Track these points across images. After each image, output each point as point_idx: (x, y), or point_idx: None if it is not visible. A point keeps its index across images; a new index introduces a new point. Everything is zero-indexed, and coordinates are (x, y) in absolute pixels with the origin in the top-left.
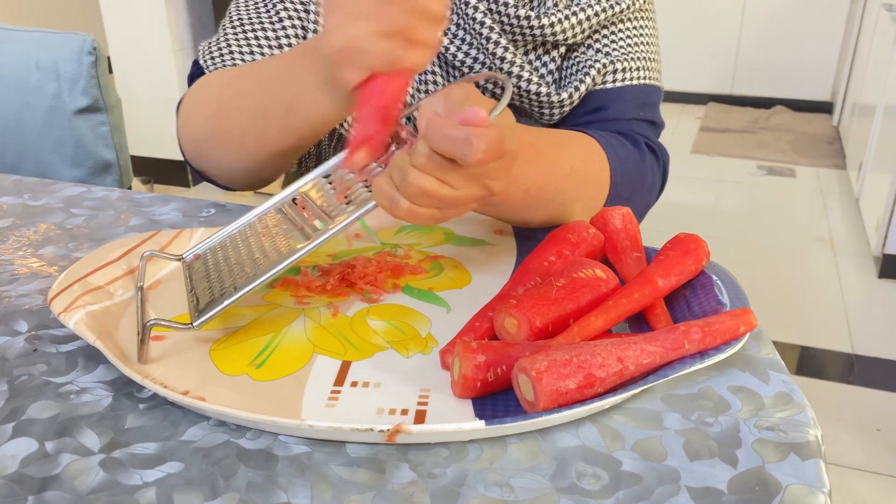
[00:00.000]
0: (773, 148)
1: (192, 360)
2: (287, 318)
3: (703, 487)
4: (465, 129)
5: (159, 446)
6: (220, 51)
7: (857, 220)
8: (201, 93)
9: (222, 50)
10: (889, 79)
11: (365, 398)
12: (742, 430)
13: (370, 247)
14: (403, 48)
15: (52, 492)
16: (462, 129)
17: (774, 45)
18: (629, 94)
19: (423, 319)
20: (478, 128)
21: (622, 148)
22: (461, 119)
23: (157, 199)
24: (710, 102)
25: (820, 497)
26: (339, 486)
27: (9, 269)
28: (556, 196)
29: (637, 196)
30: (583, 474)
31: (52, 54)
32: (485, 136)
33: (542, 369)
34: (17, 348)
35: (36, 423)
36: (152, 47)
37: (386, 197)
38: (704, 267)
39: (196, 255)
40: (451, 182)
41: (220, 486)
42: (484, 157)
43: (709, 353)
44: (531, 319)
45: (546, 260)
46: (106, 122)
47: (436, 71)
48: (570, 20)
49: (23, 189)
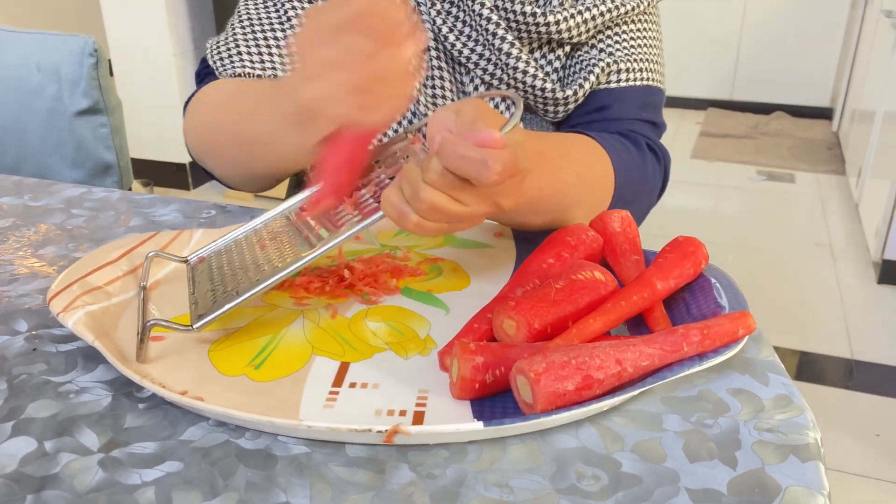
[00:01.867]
0: (772, 153)
1: (191, 360)
2: (286, 320)
3: (703, 489)
4: (481, 151)
5: (158, 446)
6: (229, 51)
7: (857, 226)
8: (203, 102)
9: (231, 51)
10: (888, 85)
11: (363, 399)
12: (742, 432)
13: (370, 248)
14: (374, 104)
15: (50, 491)
16: (478, 151)
17: (774, 50)
18: (632, 95)
19: (422, 321)
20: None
21: (625, 151)
22: (476, 140)
23: (158, 201)
24: (709, 108)
25: (819, 499)
26: (338, 486)
27: (9, 269)
28: (561, 202)
29: (639, 199)
30: (582, 475)
31: (53, 56)
32: (500, 158)
33: (541, 371)
34: (16, 347)
35: (35, 423)
36: (153, 51)
37: (395, 209)
38: (703, 270)
39: (201, 258)
40: (463, 199)
41: (220, 486)
42: (499, 178)
43: (707, 355)
44: (530, 321)
45: (545, 262)
46: (106, 123)
47: (442, 66)
48: (575, 19)
49: (23, 190)
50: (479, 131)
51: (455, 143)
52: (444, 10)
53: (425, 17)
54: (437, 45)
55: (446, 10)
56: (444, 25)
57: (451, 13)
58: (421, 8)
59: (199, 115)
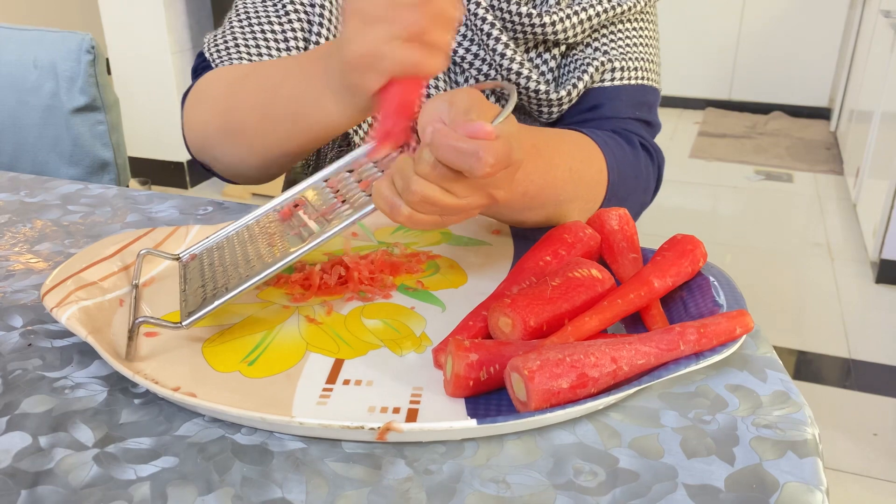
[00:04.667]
0: (770, 153)
1: (184, 356)
2: (281, 316)
3: (701, 485)
4: (473, 143)
5: (154, 441)
6: (227, 44)
7: (855, 226)
8: (209, 88)
9: (228, 44)
10: (886, 85)
11: (357, 396)
12: (739, 428)
13: (366, 245)
14: (422, 53)
15: (45, 486)
16: (470, 142)
17: (772, 50)
18: (625, 94)
19: (417, 318)
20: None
21: (619, 148)
22: (468, 132)
23: (155, 197)
24: (708, 107)
25: (818, 495)
26: (334, 481)
27: (4, 265)
28: (555, 197)
29: (632, 196)
30: (580, 471)
31: (50, 53)
32: (493, 150)
33: (535, 368)
34: (11, 343)
35: (30, 418)
36: (151, 49)
37: (387, 202)
38: (702, 268)
39: (192, 255)
40: (455, 191)
41: (215, 481)
42: (492, 170)
43: (704, 354)
44: (525, 319)
45: (542, 260)
46: (104, 121)
47: None
48: (570, 19)
49: (19, 186)
50: (472, 122)
51: (447, 134)
52: None
53: None
54: None
55: None
56: None
57: None
58: None
59: (204, 103)
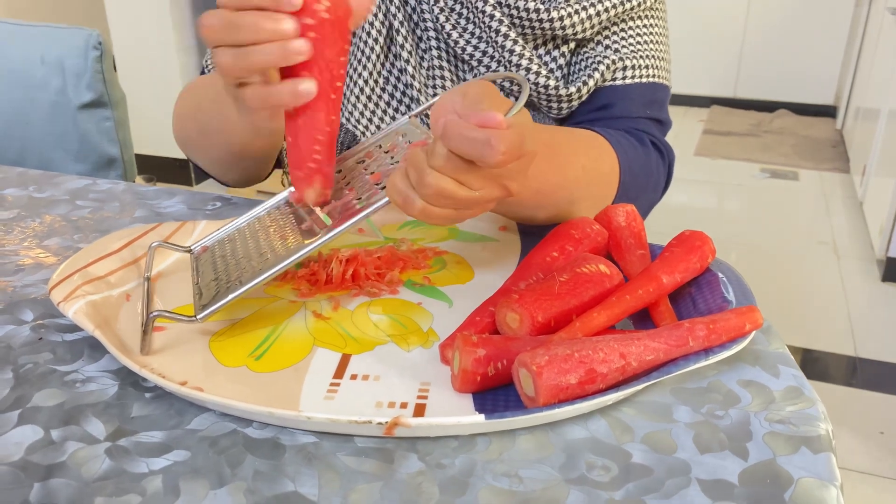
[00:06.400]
0: (776, 151)
1: (192, 350)
2: (288, 311)
3: (714, 480)
4: (484, 131)
5: (165, 435)
6: None
7: (861, 224)
8: (181, 98)
9: None
10: (893, 83)
11: (364, 391)
12: (753, 424)
13: (373, 241)
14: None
15: (58, 479)
16: (482, 131)
17: (778, 48)
18: (637, 92)
19: (424, 314)
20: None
21: (631, 148)
22: (478, 121)
23: (162, 192)
24: (713, 105)
25: (832, 490)
26: (346, 475)
27: (14, 260)
28: (568, 195)
29: (643, 195)
30: (592, 466)
31: (57, 49)
32: (505, 138)
33: (543, 364)
34: (22, 337)
35: (41, 411)
36: (156, 46)
37: (401, 195)
38: (711, 264)
39: (204, 248)
40: (469, 183)
41: (227, 475)
42: (504, 158)
43: (713, 350)
44: (533, 314)
45: (549, 255)
46: (110, 117)
47: (443, 66)
48: (579, 15)
49: (28, 181)
50: (483, 112)
51: (458, 124)
52: (448, 7)
53: (428, 14)
54: (439, 42)
55: (450, 8)
56: (447, 23)
57: (454, 10)
58: (424, 5)
59: (177, 108)
